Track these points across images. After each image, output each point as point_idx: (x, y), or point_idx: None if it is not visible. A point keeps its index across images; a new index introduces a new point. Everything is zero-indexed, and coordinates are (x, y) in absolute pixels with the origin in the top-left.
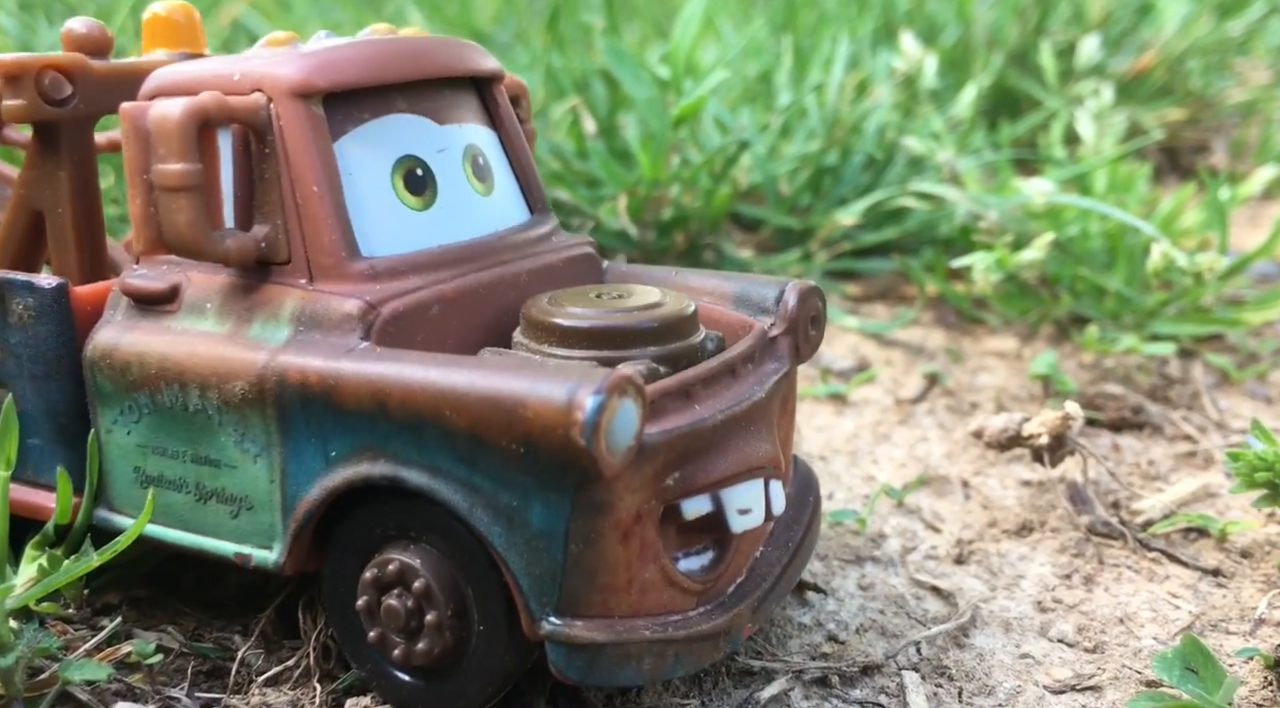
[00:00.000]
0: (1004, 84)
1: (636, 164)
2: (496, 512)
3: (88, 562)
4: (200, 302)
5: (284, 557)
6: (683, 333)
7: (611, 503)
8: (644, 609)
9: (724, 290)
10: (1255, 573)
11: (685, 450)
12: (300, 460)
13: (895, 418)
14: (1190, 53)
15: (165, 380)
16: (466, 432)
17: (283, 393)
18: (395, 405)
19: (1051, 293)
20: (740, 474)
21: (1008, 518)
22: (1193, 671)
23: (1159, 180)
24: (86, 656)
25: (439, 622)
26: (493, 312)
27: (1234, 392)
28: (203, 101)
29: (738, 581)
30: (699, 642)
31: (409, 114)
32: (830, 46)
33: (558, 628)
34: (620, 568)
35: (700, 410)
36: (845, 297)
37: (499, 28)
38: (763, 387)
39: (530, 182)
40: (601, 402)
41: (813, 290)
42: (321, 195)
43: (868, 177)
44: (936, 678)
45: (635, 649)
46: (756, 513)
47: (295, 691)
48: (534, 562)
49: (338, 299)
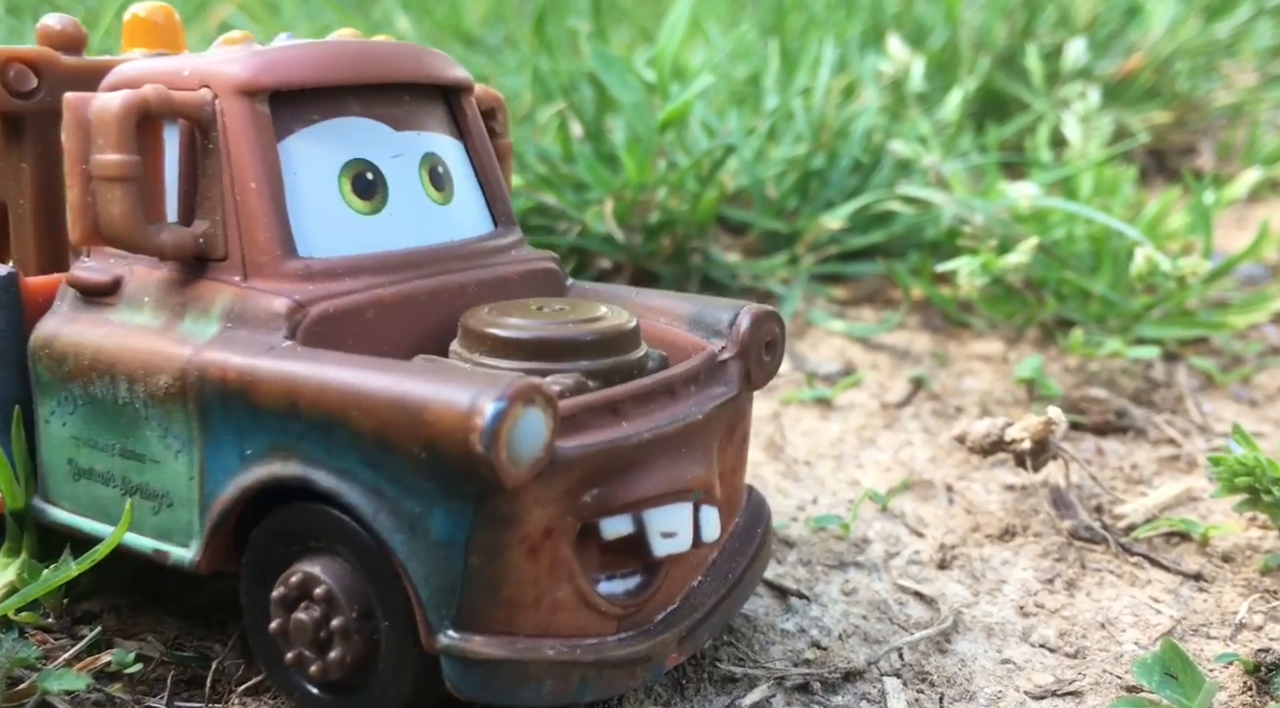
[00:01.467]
0: (991, 87)
1: (623, 168)
2: (400, 518)
3: (66, 571)
4: (139, 295)
5: (199, 556)
6: (620, 348)
7: (518, 515)
8: (555, 629)
9: (680, 311)
10: (1236, 578)
11: (606, 467)
12: (218, 458)
13: (880, 422)
14: (1177, 55)
15: (98, 372)
16: (374, 435)
17: (203, 388)
18: (306, 405)
19: (1037, 296)
20: (666, 496)
21: (991, 523)
22: (1172, 676)
23: (1145, 183)
24: (66, 665)
25: (345, 626)
26: (435, 320)
27: (1218, 395)
28: (144, 94)
29: (668, 609)
30: (611, 668)
31: (363, 118)
32: (817, 49)
33: (454, 641)
34: (527, 584)
35: (627, 428)
36: (831, 300)
37: (487, 31)
38: (702, 408)
39: (495, 193)
40: (503, 409)
41: (769, 315)
42: (260, 192)
43: (854, 180)
44: (918, 684)
45: (535, 669)
46: (683, 537)
47: (275, 700)
48: (434, 572)
49: (267, 297)
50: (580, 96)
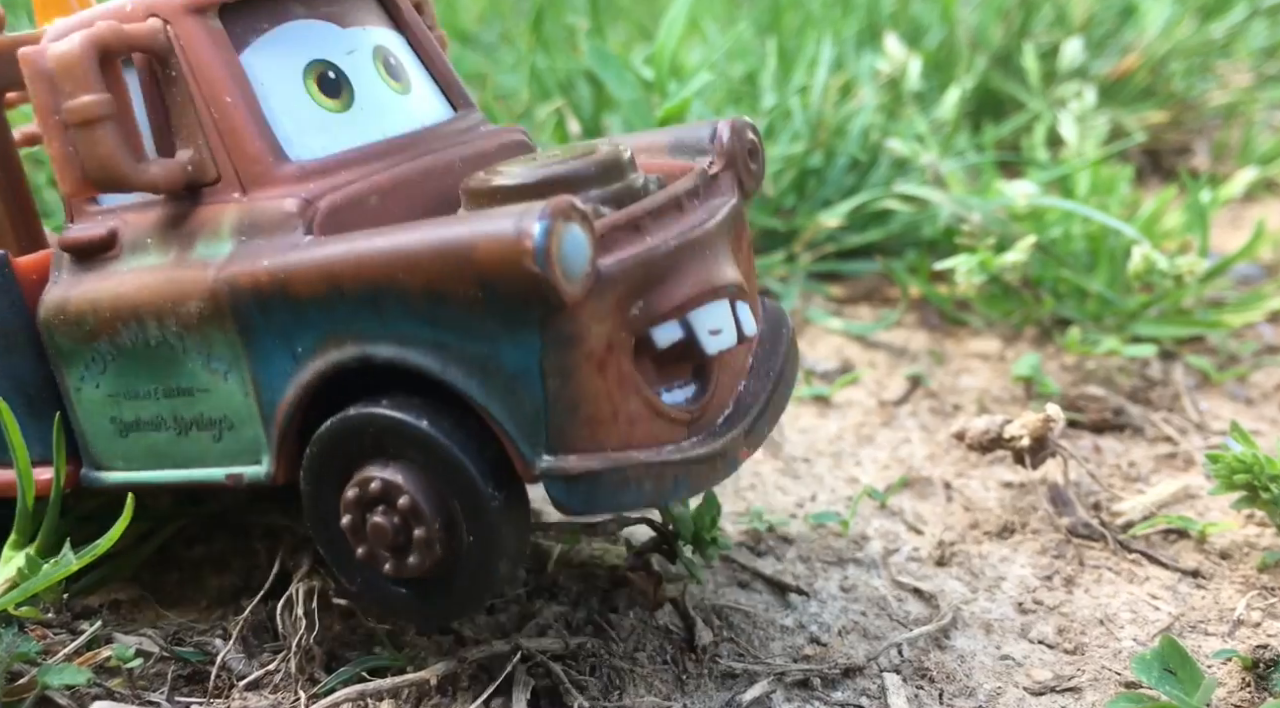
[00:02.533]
0: (988, 86)
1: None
2: (469, 364)
3: (67, 565)
4: (140, 239)
5: (274, 467)
6: (622, 174)
7: (580, 334)
8: (635, 441)
9: (659, 143)
10: (1234, 574)
11: (644, 279)
12: (269, 365)
13: (878, 420)
14: (1172, 55)
15: (121, 320)
16: (424, 289)
17: (238, 302)
18: (349, 283)
19: (1034, 295)
20: (704, 295)
21: (989, 520)
22: (1171, 672)
23: (1141, 182)
24: (66, 660)
25: (427, 537)
26: (431, 197)
27: (1215, 393)
28: (99, 31)
29: (725, 412)
30: (697, 465)
31: (309, 19)
32: (815, 48)
33: (552, 464)
34: (602, 399)
35: (651, 240)
36: (829, 298)
37: (484, 28)
38: (713, 217)
39: (448, 79)
40: (548, 225)
41: (745, 124)
42: (237, 106)
43: (852, 178)
44: (918, 680)
45: (634, 473)
46: (728, 333)
47: (276, 695)
48: (516, 405)
49: (274, 201)
50: (578, 94)
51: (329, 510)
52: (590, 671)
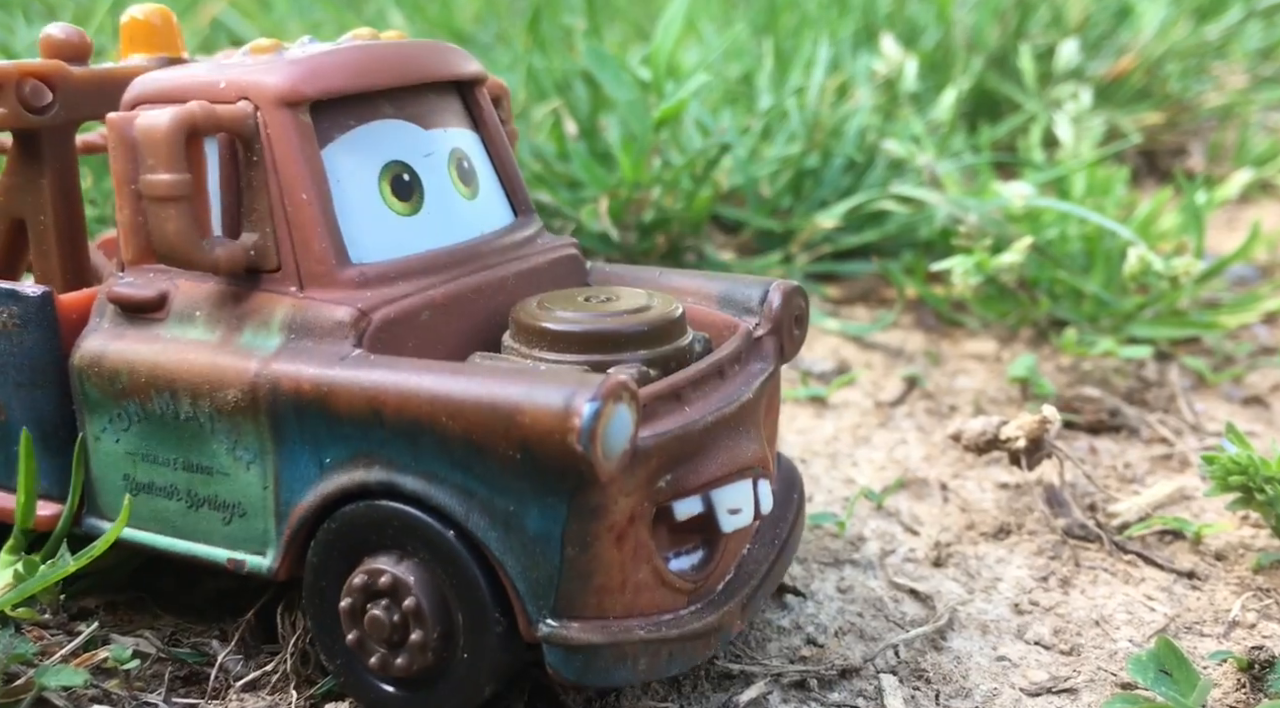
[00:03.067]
0: (984, 87)
1: (618, 166)
2: (493, 516)
3: (64, 567)
4: (189, 310)
5: (278, 563)
6: (672, 336)
7: (606, 507)
8: (637, 609)
9: (708, 291)
10: (1229, 576)
11: (677, 453)
12: (294, 468)
13: (875, 421)
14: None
15: (156, 389)
16: (463, 438)
17: (276, 401)
18: (391, 413)
19: (1030, 296)
20: (730, 475)
21: (985, 521)
22: (1167, 673)
23: (1137, 183)
24: (63, 661)
25: (423, 642)
26: (482, 315)
27: (1210, 394)
28: (190, 111)
29: (726, 578)
30: (691, 640)
31: (395, 119)
32: (811, 49)
33: (554, 630)
34: (615, 570)
35: (691, 413)
36: (825, 299)
37: (480, 28)
38: (750, 387)
39: (514, 184)
40: (598, 408)
41: (796, 290)
42: (311, 203)
43: (848, 179)
44: (914, 681)
45: (630, 649)
46: (746, 513)
47: (273, 696)
48: (531, 565)
49: (329, 306)
50: (575, 95)
51: (330, 587)
52: None
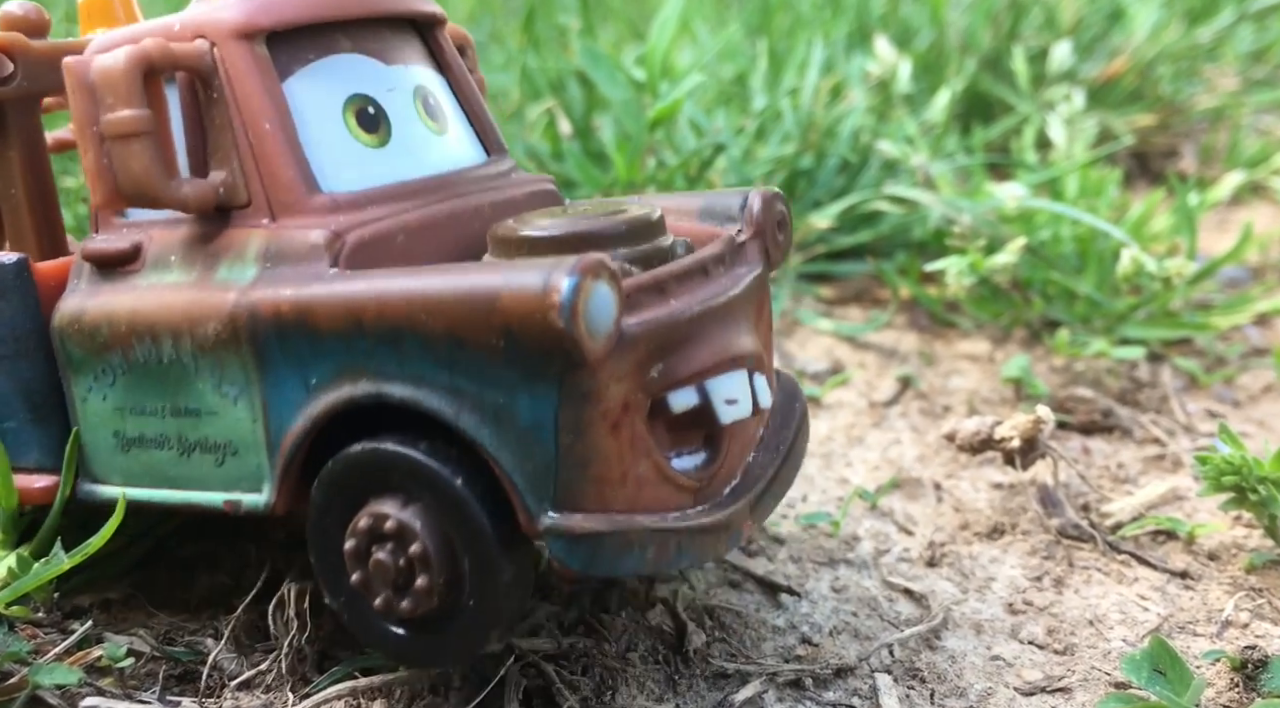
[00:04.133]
0: (977, 89)
1: (612, 166)
2: (484, 412)
3: (58, 565)
4: (164, 255)
5: (274, 497)
6: (651, 235)
7: (598, 392)
8: (641, 504)
9: (689, 206)
10: (1222, 575)
11: (665, 342)
12: (281, 394)
13: (869, 421)
14: (1160, 59)
15: (137, 335)
16: (445, 334)
17: (256, 328)
18: (371, 320)
19: (1023, 297)
20: (723, 364)
21: (979, 521)
22: (1160, 672)
23: (1129, 185)
24: (57, 659)
25: (429, 587)
26: (458, 241)
27: (1202, 395)
28: (145, 48)
29: (733, 483)
30: (700, 534)
31: (355, 54)
32: (805, 50)
33: (556, 521)
34: (613, 460)
35: (676, 305)
36: (819, 299)
37: (474, 28)
38: (737, 285)
39: (484, 123)
40: (576, 283)
41: (776, 196)
42: (275, 134)
43: (842, 180)
44: (909, 680)
45: (637, 538)
46: (744, 403)
47: (268, 695)
48: (526, 457)
49: (302, 231)
50: (569, 94)
51: (334, 528)
52: (582, 671)
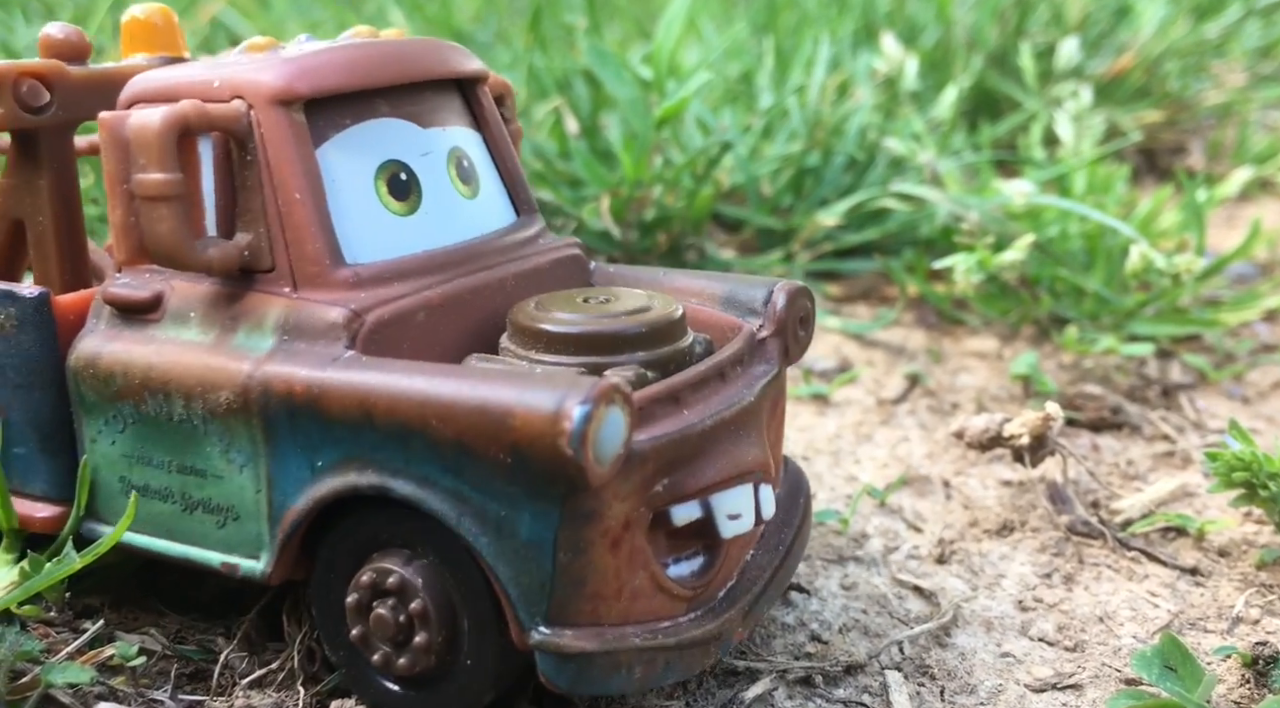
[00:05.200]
0: (984, 86)
1: (619, 164)
2: (485, 522)
3: (69, 565)
4: (184, 310)
5: (271, 567)
6: (671, 337)
7: (600, 512)
8: (634, 616)
9: (712, 291)
10: (1233, 572)
11: (674, 457)
12: (286, 471)
13: (877, 418)
14: (1168, 55)
15: (149, 390)
16: (453, 441)
17: (268, 403)
18: (381, 415)
19: (1031, 294)
20: (730, 480)
21: (989, 518)
22: (1171, 669)
23: (1137, 182)
24: (69, 658)
25: (428, 644)
26: (479, 317)
27: (1211, 392)
28: (183, 110)
29: (728, 585)
30: (689, 648)
31: (392, 118)
32: (811, 48)
33: (547, 638)
34: (610, 576)
35: (689, 416)
36: (827, 297)
37: (480, 27)
38: (752, 390)
39: (516, 183)
40: (589, 411)
41: (801, 291)
42: (304, 203)
43: (849, 177)
44: (919, 677)
45: (625, 658)
46: (746, 518)
47: (279, 693)
48: (523, 571)
49: (322, 308)
50: (576, 93)
51: (338, 582)
52: None
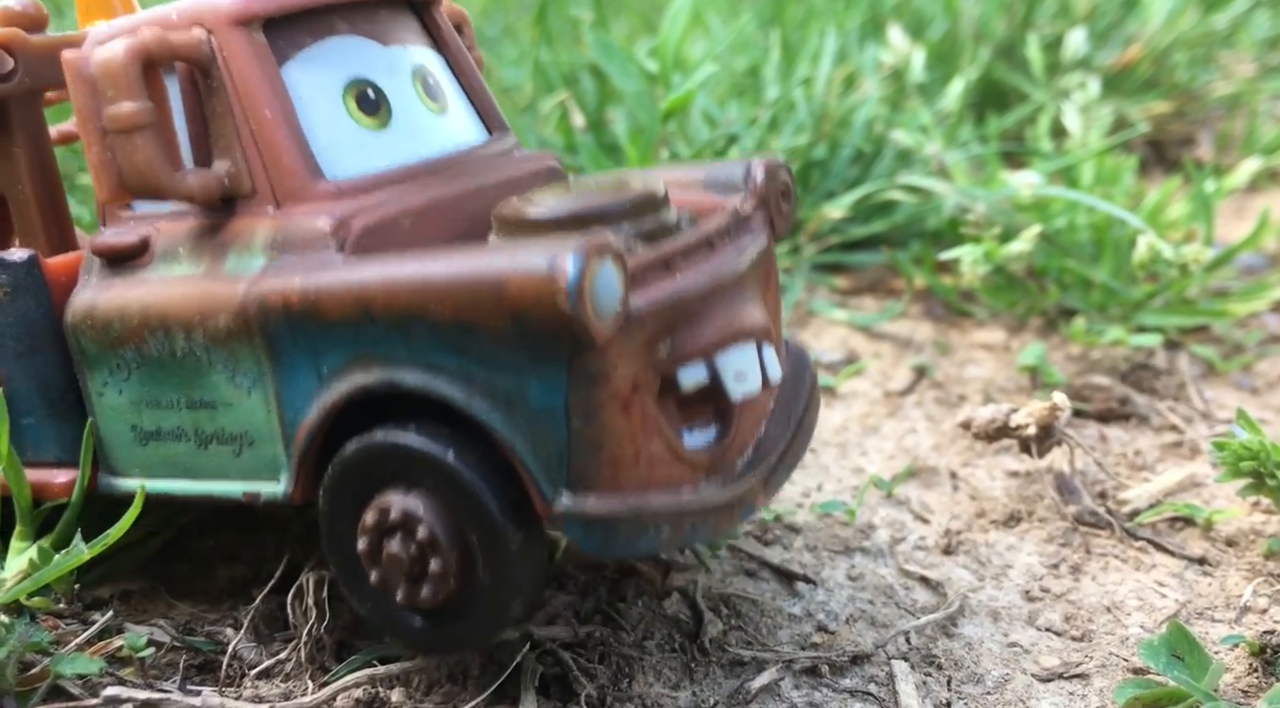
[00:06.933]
0: (991, 77)
1: (626, 158)
2: (495, 397)
3: (78, 555)
4: (172, 248)
5: (292, 486)
6: (655, 209)
7: (607, 373)
8: (654, 483)
9: (692, 177)
10: (1240, 561)
11: (673, 319)
12: (294, 384)
13: (884, 410)
14: (1176, 46)
15: (149, 329)
16: (453, 320)
17: (267, 319)
18: (379, 307)
19: (1039, 285)
20: (731, 337)
21: (996, 508)
22: (1179, 658)
23: (1145, 173)
24: (78, 649)
25: (443, 570)
26: (463, 222)
27: (1219, 382)
28: (143, 39)
29: (745, 457)
30: (714, 512)
31: (352, 36)
32: (818, 40)
33: (571, 505)
34: (625, 440)
35: (682, 280)
36: (834, 289)
37: (486, 22)
38: (742, 258)
39: (484, 101)
40: (582, 264)
41: (779, 165)
42: (275, 121)
43: (856, 170)
44: (925, 667)
45: (651, 519)
46: (753, 379)
47: (287, 683)
48: (538, 442)
49: (308, 219)
50: (582, 87)
51: (345, 532)
52: (599, 659)
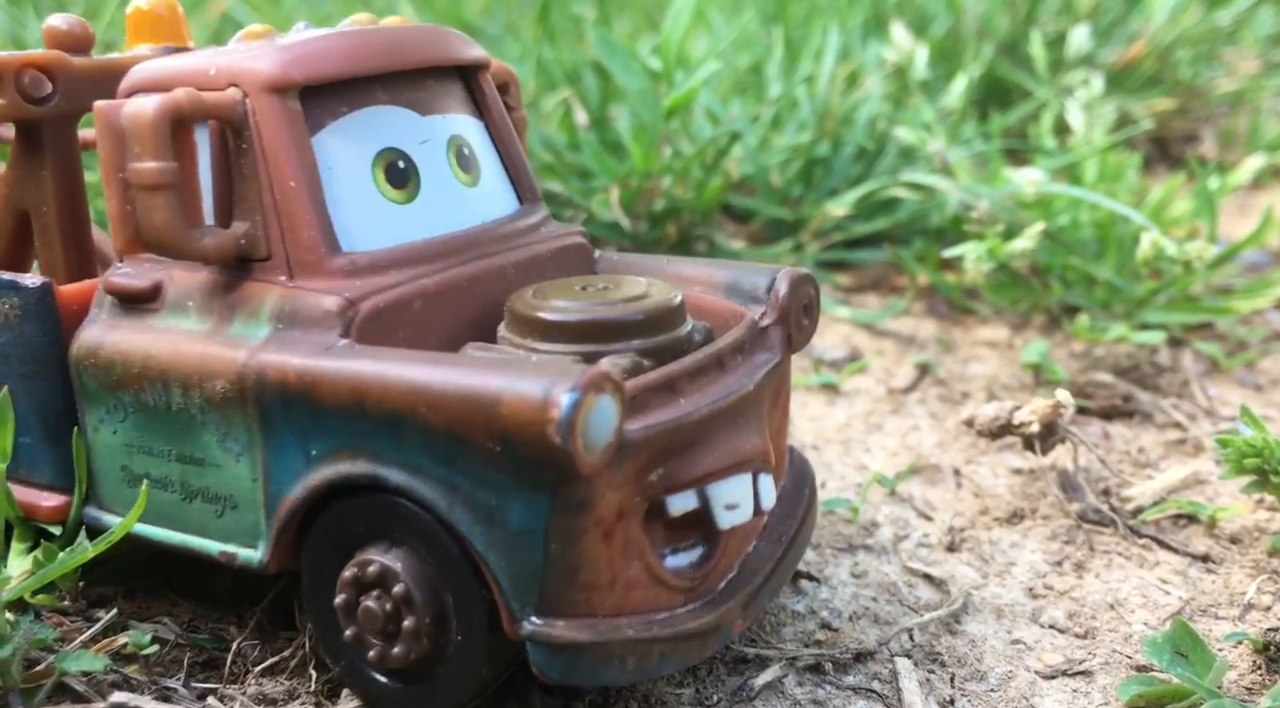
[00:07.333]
0: (994, 74)
1: (628, 155)
2: (476, 511)
3: (83, 553)
4: (182, 300)
5: (268, 556)
6: (669, 325)
7: (592, 501)
8: (629, 608)
9: (715, 279)
10: (1244, 559)
11: (669, 446)
12: (282, 460)
13: (887, 407)
14: (1179, 43)
15: (149, 380)
16: (444, 430)
17: (263, 392)
18: (373, 404)
19: (1042, 282)
20: (727, 469)
21: (999, 506)
22: (1183, 655)
23: (1148, 170)
24: (83, 647)
25: (416, 629)
26: (478, 305)
27: (1223, 379)
28: (176, 98)
29: (729, 577)
30: (685, 640)
31: (390, 106)
32: (821, 38)
33: (538, 628)
34: (603, 566)
35: (685, 405)
36: (837, 287)
37: (489, 20)
38: (752, 378)
39: (519, 171)
40: (577, 399)
41: (805, 278)
42: (299, 191)
43: (859, 167)
44: (929, 664)
45: (618, 649)
46: (744, 509)
47: (291, 681)
48: (514, 561)
49: (317, 296)
50: (585, 85)
51: (326, 586)
52: None
